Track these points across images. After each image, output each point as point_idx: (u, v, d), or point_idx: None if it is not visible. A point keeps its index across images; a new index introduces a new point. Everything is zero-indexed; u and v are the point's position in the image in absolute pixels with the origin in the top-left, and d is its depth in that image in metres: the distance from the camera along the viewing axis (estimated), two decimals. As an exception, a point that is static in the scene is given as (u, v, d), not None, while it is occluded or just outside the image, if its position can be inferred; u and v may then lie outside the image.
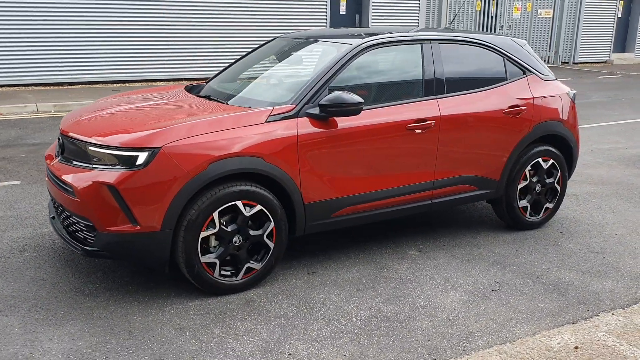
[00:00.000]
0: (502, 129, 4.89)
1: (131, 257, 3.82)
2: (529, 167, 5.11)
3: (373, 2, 16.10)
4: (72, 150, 3.93)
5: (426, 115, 4.49)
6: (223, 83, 4.95)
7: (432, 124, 4.50)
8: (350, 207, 4.32)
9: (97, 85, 12.90)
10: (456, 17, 18.93)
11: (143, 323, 3.60)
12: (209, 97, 4.55)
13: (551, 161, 5.22)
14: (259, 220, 3.98)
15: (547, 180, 5.26)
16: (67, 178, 3.76)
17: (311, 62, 4.75)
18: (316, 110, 4.08)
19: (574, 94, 5.43)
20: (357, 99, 4.03)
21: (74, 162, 3.85)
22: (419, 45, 4.66)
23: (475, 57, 4.94)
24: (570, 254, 4.82)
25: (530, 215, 5.26)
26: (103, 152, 3.71)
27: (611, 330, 3.63)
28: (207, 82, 5.16)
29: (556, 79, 5.39)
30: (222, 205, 3.79)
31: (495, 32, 19.32)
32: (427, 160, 4.57)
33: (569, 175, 5.53)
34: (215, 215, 3.78)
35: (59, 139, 4.14)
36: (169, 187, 3.62)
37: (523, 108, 4.96)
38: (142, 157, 3.61)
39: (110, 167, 3.67)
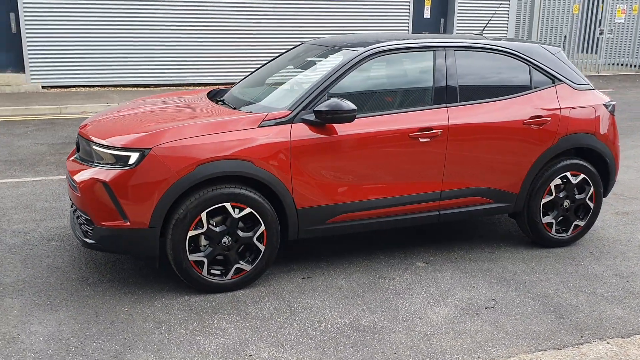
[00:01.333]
0: (521, 140, 4.66)
1: (122, 251, 4.04)
2: (556, 181, 4.84)
3: (459, 6, 15.74)
4: (84, 150, 4.21)
5: (433, 124, 4.38)
6: (243, 88, 5.08)
7: (439, 133, 4.39)
8: (347, 214, 4.31)
9: (181, 87, 13.55)
10: (551, 22, 18.07)
11: (127, 314, 3.80)
12: (223, 102, 4.71)
13: (582, 176, 4.91)
14: (250, 222, 4.07)
15: (578, 196, 4.95)
16: (74, 175, 4.05)
17: (326, 69, 4.76)
18: (312, 117, 4.11)
19: (613, 105, 5.07)
20: (350, 106, 4.02)
21: (84, 161, 4.12)
22: (432, 52, 4.55)
23: (495, 65, 4.75)
24: (590, 275, 4.52)
25: (556, 232, 4.97)
26: (104, 152, 3.96)
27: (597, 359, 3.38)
28: (232, 87, 5.33)
29: (593, 89, 5.06)
30: (210, 206, 3.91)
31: (593, 36, 18.25)
32: (433, 170, 4.45)
33: (606, 192, 5.18)
34: (204, 215, 3.91)
35: (77, 138, 4.45)
36: (157, 187, 3.80)
37: (547, 119, 4.71)
38: (133, 157, 3.82)
39: (108, 165, 3.90)
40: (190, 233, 3.91)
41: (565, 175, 4.86)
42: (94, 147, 4.02)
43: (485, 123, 4.55)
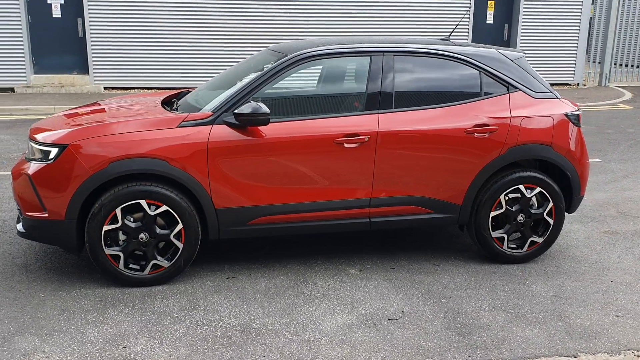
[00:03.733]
0: (462, 150, 4.47)
1: (45, 241, 4.27)
2: (507, 194, 4.59)
3: (524, 11, 15.09)
4: (29, 147, 4.51)
5: (360, 130, 4.30)
6: (198, 91, 5.21)
7: (367, 139, 4.31)
8: (270, 217, 4.32)
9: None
10: (630, 28, 16.92)
11: (40, 301, 4.03)
12: (171, 103, 4.88)
13: (538, 189, 4.63)
14: (169, 220, 4.19)
15: (534, 211, 4.67)
16: (13, 168, 4.36)
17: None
18: (232, 119, 4.18)
19: (577, 115, 4.73)
20: (264, 109, 4.05)
21: (27, 158, 4.41)
22: (368, 57, 4.47)
23: (441, 71, 4.59)
24: (526, 295, 4.25)
25: (509, 247, 4.72)
26: (36, 147, 4.23)
27: (467, 381, 3.20)
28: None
29: (556, 98, 4.75)
30: (125, 202, 4.07)
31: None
32: (361, 177, 4.37)
33: (570, 209, 4.84)
34: (118, 211, 4.08)
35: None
36: (71, 181, 4.02)
37: (494, 128, 4.49)
38: (53, 152, 4.06)
39: (36, 160, 4.17)
40: (106, 227, 4.09)
41: (518, 187, 4.60)
42: (30, 144, 4.31)
43: (420, 130, 4.41)
